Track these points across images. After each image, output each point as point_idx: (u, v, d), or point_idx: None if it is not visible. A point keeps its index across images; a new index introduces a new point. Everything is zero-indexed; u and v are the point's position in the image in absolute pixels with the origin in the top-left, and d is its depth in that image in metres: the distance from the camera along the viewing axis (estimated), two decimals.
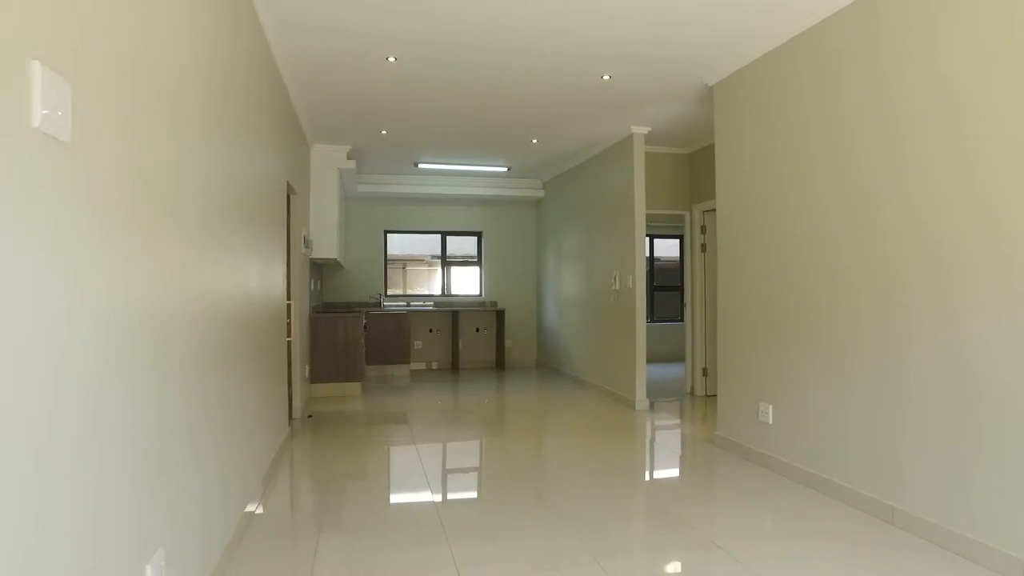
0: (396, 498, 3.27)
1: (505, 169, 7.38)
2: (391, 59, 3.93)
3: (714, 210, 5.97)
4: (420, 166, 7.15)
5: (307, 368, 5.83)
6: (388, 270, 8.42)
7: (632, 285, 5.56)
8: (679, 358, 9.10)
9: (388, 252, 8.43)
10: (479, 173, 7.68)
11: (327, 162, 6.22)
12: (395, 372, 7.75)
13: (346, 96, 4.69)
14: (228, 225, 2.51)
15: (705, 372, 6.19)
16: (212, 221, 2.25)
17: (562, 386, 6.86)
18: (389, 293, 8.42)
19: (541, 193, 8.27)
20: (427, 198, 8.26)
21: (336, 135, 5.88)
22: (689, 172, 6.41)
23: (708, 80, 4.28)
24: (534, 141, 6.08)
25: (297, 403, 5.22)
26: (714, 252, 6.13)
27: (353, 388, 6.28)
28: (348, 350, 6.25)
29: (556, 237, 7.78)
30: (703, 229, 6.20)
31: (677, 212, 6.38)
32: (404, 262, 8.65)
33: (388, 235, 8.42)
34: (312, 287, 6.41)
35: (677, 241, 9.41)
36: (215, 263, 2.30)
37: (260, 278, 3.33)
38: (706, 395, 6.17)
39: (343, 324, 6.24)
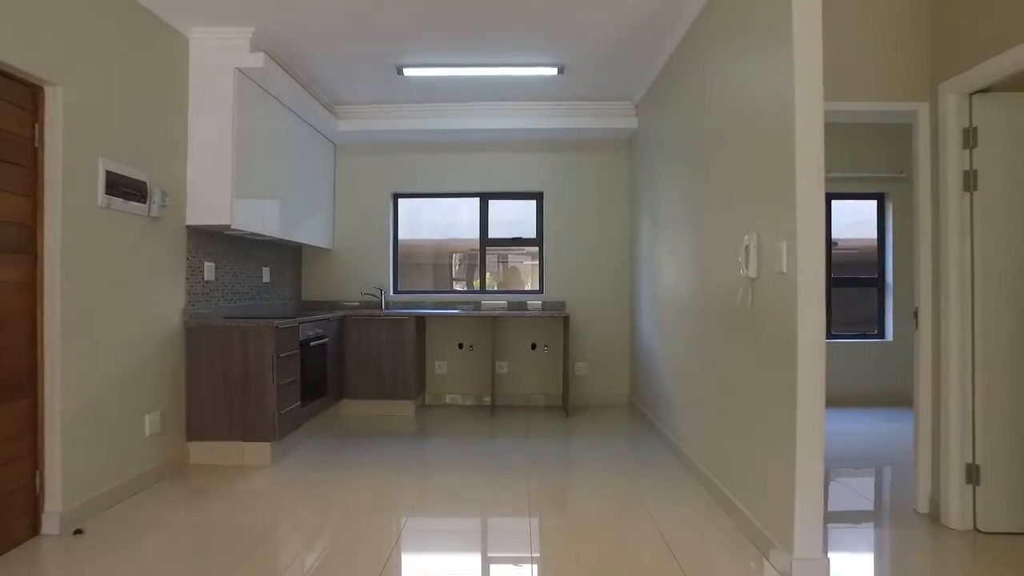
0: None
1: (555, 71, 4.26)
2: None
3: (990, 89, 2.48)
4: (407, 73, 4.28)
5: (153, 418, 3.22)
6: (399, 254, 5.67)
7: (788, 268, 2.22)
8: (874, 402, 5.30)
9: (400, 227, 5.67)
10: (512, 82, 4.61)
11: (216, 61, 3.59)
12: (394, 411, 4.97)
13: None
14: None
15: (974, 471, 2.59)
16: None
17: (643, 464, 3.58)
18: (401, 288, 5.67)
19: (633, 122, 5.00)
20: (453, 141, 5.38)
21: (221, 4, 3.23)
22: (929, 8, 2.81)
23: None
24: None
25: (56, 500, 2.61)
26: (996, 186, 2.55)
27: (255, 452, 3.59)
28: (249, 388, 3.57)
29: (652, 193, 4.49)
30: (971, 135, 2.60)
31: (895, 106, 2.82)
32: (423, 244, 5.82)
33: (399, 201, 5.67)
34: (256, 278, 3.83)
35: (869, 204, 5.58)
36: None
37: None
38: (976, 528, 2.59)
39: (240, 343, 3.56)
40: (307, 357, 4.11)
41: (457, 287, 5.69)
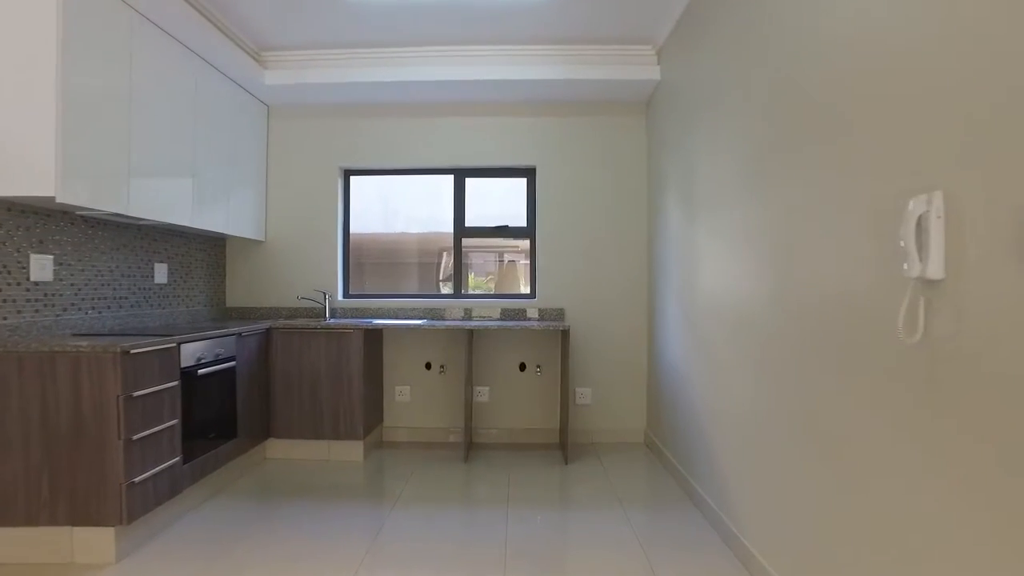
0: None
1: None
2: None
3: None
4: None
5: None
6: (350, 249, 4.43)
7: None
8: None
9: (352, 215, 4.44)
10: (492, 9, 3.40)
11: None
12: (336, 455, 3.75)
13: None
14: None
15: None
16: None
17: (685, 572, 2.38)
18: (352, 292, 4.44)
19: (654, 72, 3.79)
20: (419, 101, 4.16)
21: None
22: None
23: None
24: None
25: None
26: None
27: (93, 542, 2.36)
28: (82, 444, 2.34)
29: (685, 166, 3.26)
30: None
31: None
32: (386, 238, 4.57)
33: (351, 179, 4.44)
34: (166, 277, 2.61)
35: None
36: None
37: None
38: None
39: (71, 377, 2.33)
40: (199, 389, 2.88)
41: (445, 290, 4.45)
